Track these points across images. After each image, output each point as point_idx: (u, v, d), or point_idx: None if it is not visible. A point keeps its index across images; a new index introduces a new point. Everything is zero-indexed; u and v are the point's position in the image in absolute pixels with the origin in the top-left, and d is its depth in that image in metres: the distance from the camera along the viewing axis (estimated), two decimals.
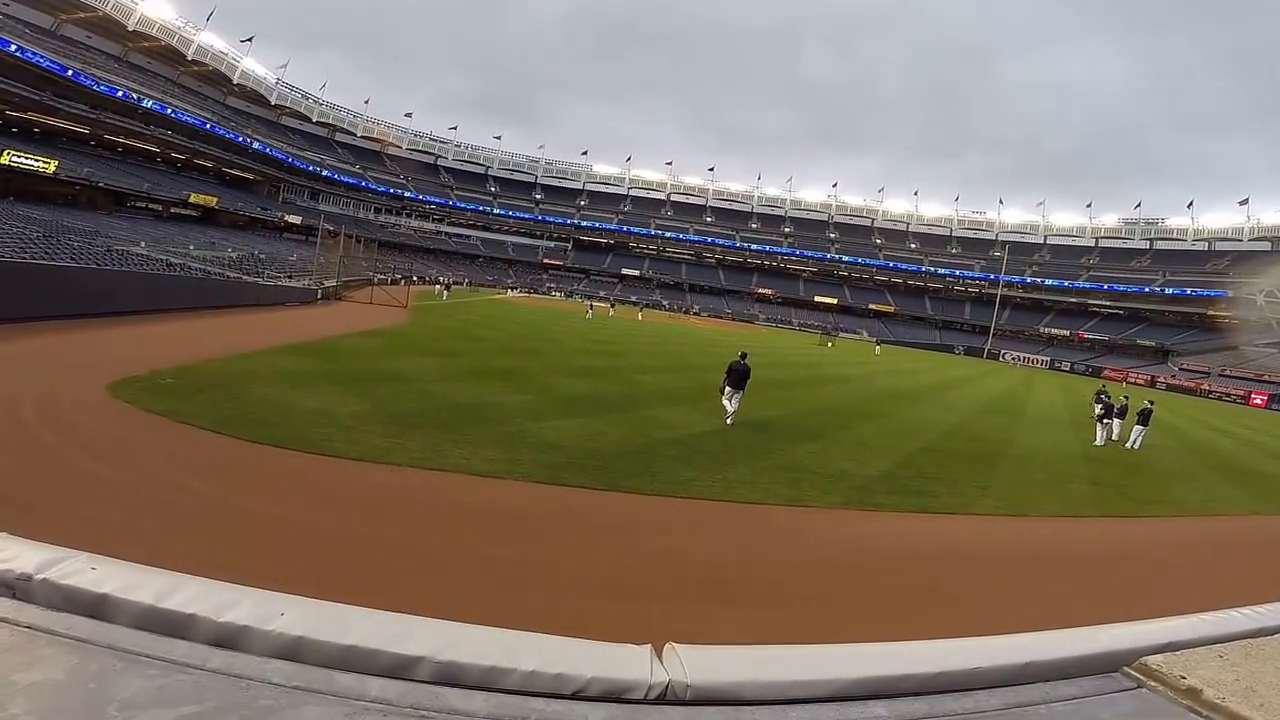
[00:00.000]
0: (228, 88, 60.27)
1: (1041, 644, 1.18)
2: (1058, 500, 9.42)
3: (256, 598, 0.99)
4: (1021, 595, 5.77)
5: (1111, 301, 72.12)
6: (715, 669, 1.02)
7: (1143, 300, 69.60)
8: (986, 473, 10.37)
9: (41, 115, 39.25)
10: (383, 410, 9.03)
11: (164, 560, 1.15)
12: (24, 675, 0.76)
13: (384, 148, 79.93)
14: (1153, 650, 1.17)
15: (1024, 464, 11.58)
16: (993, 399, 23.95)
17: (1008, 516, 8.26)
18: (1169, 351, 63.81)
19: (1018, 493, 9.42)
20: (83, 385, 8.60)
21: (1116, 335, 68.84)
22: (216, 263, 31.16)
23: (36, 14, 42.01)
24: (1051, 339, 72.85)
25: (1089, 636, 1.23)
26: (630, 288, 79.30)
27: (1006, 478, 10.24)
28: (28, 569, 0.96)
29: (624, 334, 31.24)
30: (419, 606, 1.15)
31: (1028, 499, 9.19)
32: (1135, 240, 76.52)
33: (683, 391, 14.34)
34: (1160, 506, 10.04)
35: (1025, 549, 7.23)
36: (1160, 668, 1.11)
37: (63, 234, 24.92)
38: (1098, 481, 11.05)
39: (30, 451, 6.04)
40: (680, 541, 6.05)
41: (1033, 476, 10.67)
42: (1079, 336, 70.97)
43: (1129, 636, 1.23)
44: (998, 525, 7.93)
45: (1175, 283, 67.46)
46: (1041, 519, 8.45)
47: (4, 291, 13.24)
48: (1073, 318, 73.76)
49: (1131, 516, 9.25)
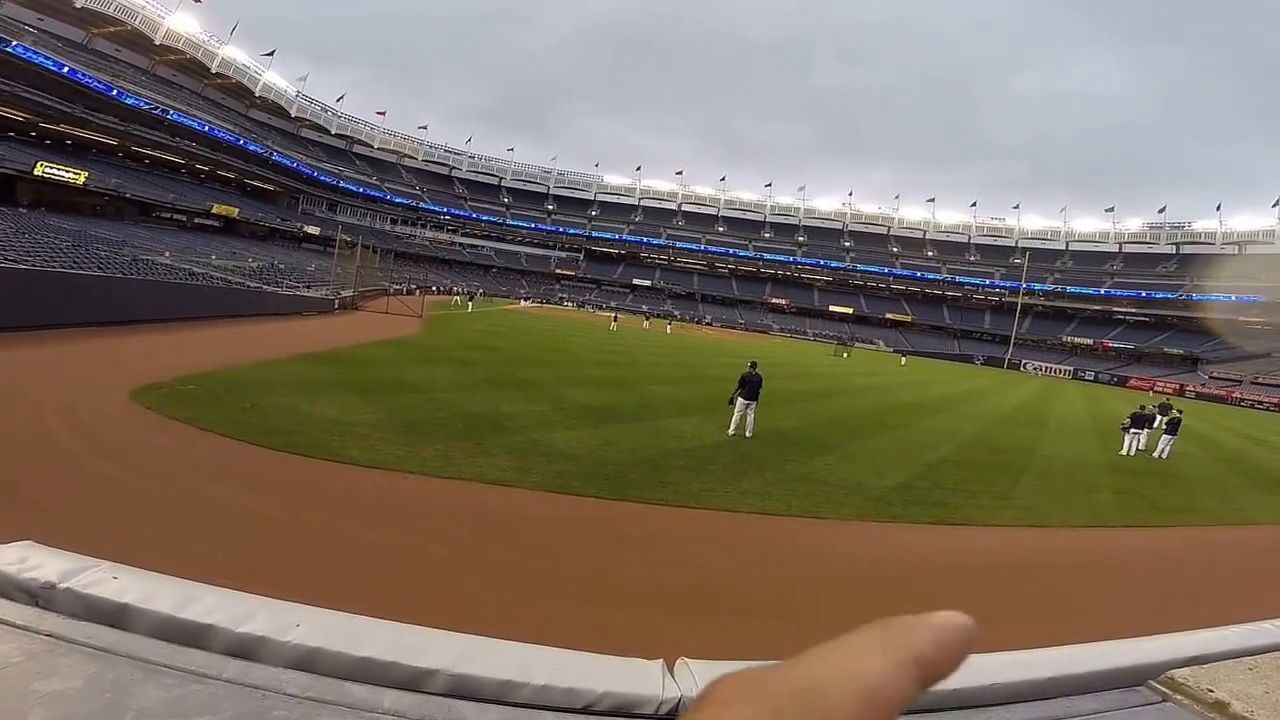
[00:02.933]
0: (250, 100, 61.77)
1: (1063, 658, 1.15)
2: (1082, 511, 9.18)
3: (273, 609, 1.00)
4: (1043, 608, 5.62)
5: (1137, 308, 70.34)
6: None
7: (1169, 306, 67.59)
8: (1007, 484, 10.16)
9: (73, 127, 40.44)
10: (397, 419, 9.12)
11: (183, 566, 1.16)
12: (43, 684, 0.77)
13: (400, 159, 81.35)
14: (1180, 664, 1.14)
15: (1047, 475, 11.32)
16: (1014, 410, 23.51)
17: (1030, 528, 8.07)
18: (1198, 359, 62.04)
19: (1040, 504, 9.20)
20: (106, 392, 8.83)
21: (1143, 343, 67.04)
22: (237, 272, 31.80)
23: (69, 28, 43.52)
24: (1075, 348, 71.17)
25: (1113, 650, 1.19)
26: (642, 298, 79.42)
27: (1028, 489, 10.02)
28: (51, 578, 0.98)
29: (637, 345, 31.30)
30: (432, 615, 1.15)
31: (1051, 510, 8.97)
32: (1161, 245, 74.40)
33: (695, 402, 14.29)
34: (1190, 516, 9.75)
35: (1048, 560, 7.05)
36: (1187, 681, 1.08)
37: (91, 243, 25.59)
38: (1124, 491, 10.78)
39: (55, 457, 6.20)
40: (692, 552, 6.00)
41: (1056, 487, 10.42)
42: (1103, 345, 69.35)
43: (1155, 650, 1.19)
44: (1019, 537, 7.75)
45: (1204, 288, 64.98)
46: (1065, 530, 8.24)
47: (33, 299, 13.68)
48: (1097, 326, 72.14)
49: (1160, 527, 8.98)
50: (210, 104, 55.25)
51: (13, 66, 34.55)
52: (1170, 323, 67.77)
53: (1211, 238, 70.37)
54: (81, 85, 38.80)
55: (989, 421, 18.50)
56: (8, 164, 32.84)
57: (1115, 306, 71.89)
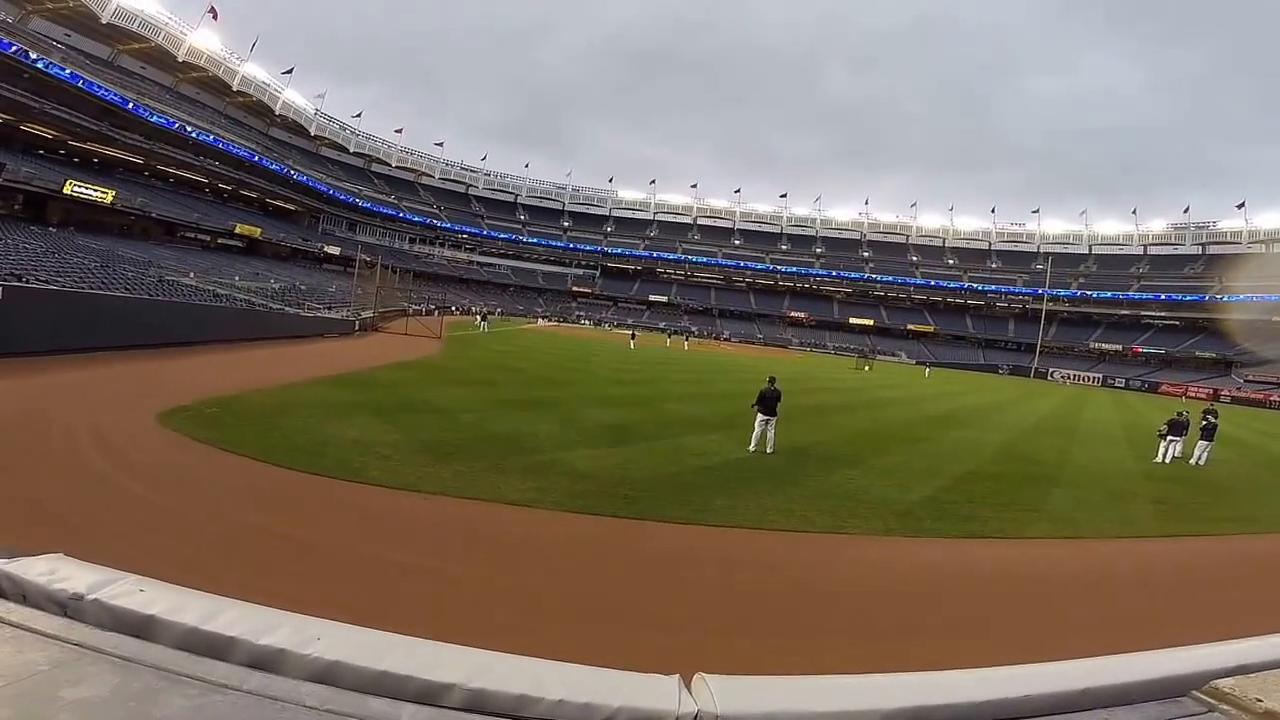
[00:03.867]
0: (270, 118, 62.44)
1: (1100, 669, 1.10)
2: (1117, 521, 8.87)
3: (294, 622, 1.01)
4: (1079, 620, 5.40)
5: (1166, 312, 68.22)
6: (746, 700, 0.99)
7: (1200, 309, 65.45)
8: (1038, 495, 9.87)
9: (100, 146, 40.56)
10: (417, 440, 9.21)
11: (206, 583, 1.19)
12: (70, 691, 0.79)
13: (418, 178, 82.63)
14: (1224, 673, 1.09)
15: (1079, 485, 10.98)
16: (1042, 419, 22.92)
17: (1063, 540, 7.81)
18: (1231, 363, 59.91)
19: (1073, 514, 8.91)
20: (134, 414, 9.13)
21: (1174, 348, 64.96)
22: (260, 294, 32.30)
23: (95, 44, 44.02)
24: (1103, 354, 69.33)
25: (1153, 660, 1.15)
26: (659, 314, 79.38)
27: (1060, 500, 9.71)
28: (80, 589, 1.01)
29: (654, 362, 31.33)
30: (450, 634, 1.15)
31: (1084, 520, 8.67)
32: (1187, 246, 72.39)
33: (714, 419, 14.19)
34: (1231, 524, 9.35)
35: (1082, 572, 6.80)
36: (1233, 691, 1.03)
37: (118, 264, 26.13)
38: (1162, 500, 10.39)
39: (85, 476, 6.40)
40: (711, 570, 5.91)
41: (1089, 497, 10.09)
42: (1133, 351, 67.37)
43: (1198, 659, 1.14)
44: (1052, 549, 7.50)
45: (1234, 289, 62.97)
46: (1100, 541, 7.96)
47: (65, 322, 14.25)
48: (1125, 331, 70.15)
49: (1200, 536, 8.64)
50: (232, 122, 55.67)
51: (43, 83, 34.77)
52: (1201, 325, 65.58)
53: (1238, 237, 68.34)
54: (109, 103, 38.87)
55: (1017, 432, 18.06)
56: (38, 182, 33.16)
57: (1143, 311, 69.96)
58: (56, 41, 39.54)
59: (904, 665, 1.38)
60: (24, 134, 36.89)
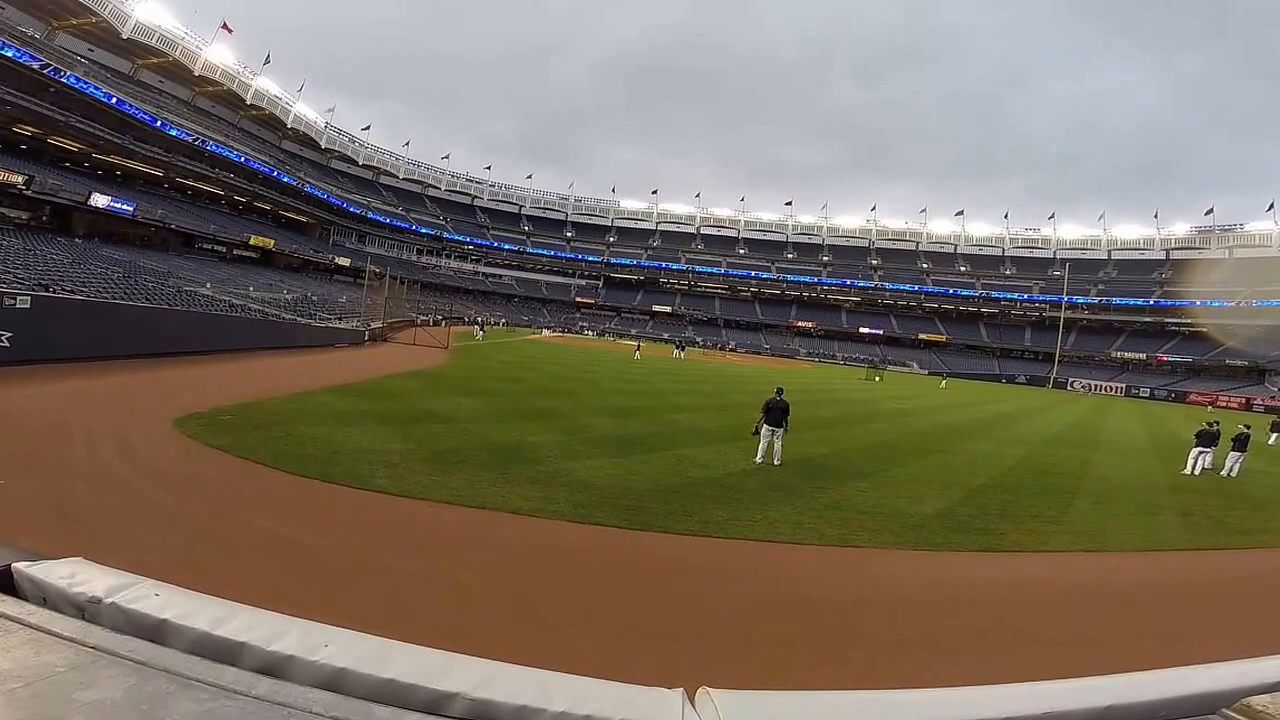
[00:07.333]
0: (282, 131, 63.50)
1: (1124, 686, 1.07)
2: (1143, 534, 8.64)
3: (303, 629, 1.02)
4: (1103, 637, 5.27)
5: (1192, 319, 65.34)
6: (750, 715, 0.97)
7: (1228, 315, 62.68)
8: (1059, 507, 9.65)
9: (123, 159, 41.49)
10: (425, 449, 9.27)
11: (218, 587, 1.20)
12: (84, 694, 0.80)
13: (424, 189, 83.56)
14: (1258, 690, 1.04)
15: (1102, 497, 10.73)
16: (1062, 430, 22.51)
17: (1085, 553, 7.62)
18: (1264, 371, 57.71)
19: (1096, 527, 8.69)
20: (152, 421, 9.33)
21: (1201, 356, 62.81)
22: (274, 304, 32.92)
23: (115, 59, 45.01)
24: (1126, 363, 67.42)
25: (1181, 676, 1.10)
26: (662, 324, 79.07)
27: (1082, 512, 9.50)
28: (98, 593, 1.02)
29: (657, 373, 31.29)
30: (455, 642, 1.15)
31: (1108, 533, 8.46)
32: (1212, 249, 69.30)
33: (720, 430, 14.11)
34: (1266, 537, 9.06)
35: (1106, 587, 6.63)
36: (1268, 709, 0.99)
37: (139, 274, 26.83)
38: (1189, 512, 10.11)
39: (105, 481, 6.53)
40: (716, 582, 5.85)
41: (1112, 509, 9.85)
42: (1157, 359, 65.37)
43: (1229, 675, 1.10)
44: (1074, 562, 7.33)
45: (1264, 293, 60.42)
46: (1125, 554, 7.76)
47: (89, 330, 14.57)
48: (1149, 339, 68.05)
49: (1232, 549, 8.38)
50: (246, 135, 56.69)
51: (68, 97, 35.76)
52: (1230, 332, 63.02)
53: (1267, 240, 65.55)
54: (130, 117, 39.86)
55: (1036, 443, 17.74)
56: (64, 195, 34.24)
57: (1167, 317, 67.54)
58: (80, 56, 40.70)
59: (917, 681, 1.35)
60: (51, 147, 38.01)
